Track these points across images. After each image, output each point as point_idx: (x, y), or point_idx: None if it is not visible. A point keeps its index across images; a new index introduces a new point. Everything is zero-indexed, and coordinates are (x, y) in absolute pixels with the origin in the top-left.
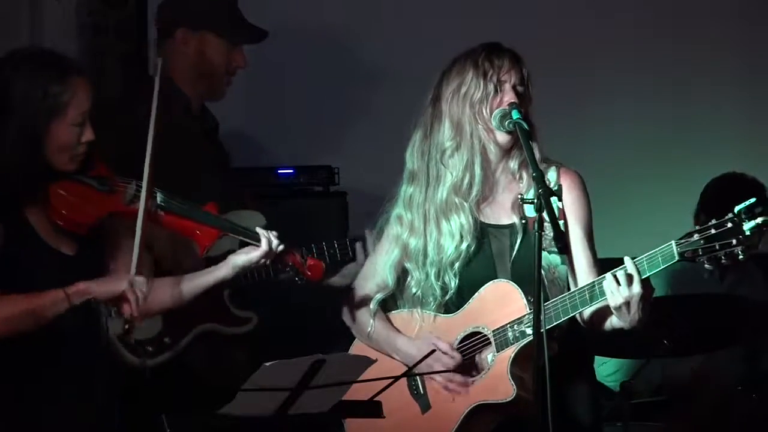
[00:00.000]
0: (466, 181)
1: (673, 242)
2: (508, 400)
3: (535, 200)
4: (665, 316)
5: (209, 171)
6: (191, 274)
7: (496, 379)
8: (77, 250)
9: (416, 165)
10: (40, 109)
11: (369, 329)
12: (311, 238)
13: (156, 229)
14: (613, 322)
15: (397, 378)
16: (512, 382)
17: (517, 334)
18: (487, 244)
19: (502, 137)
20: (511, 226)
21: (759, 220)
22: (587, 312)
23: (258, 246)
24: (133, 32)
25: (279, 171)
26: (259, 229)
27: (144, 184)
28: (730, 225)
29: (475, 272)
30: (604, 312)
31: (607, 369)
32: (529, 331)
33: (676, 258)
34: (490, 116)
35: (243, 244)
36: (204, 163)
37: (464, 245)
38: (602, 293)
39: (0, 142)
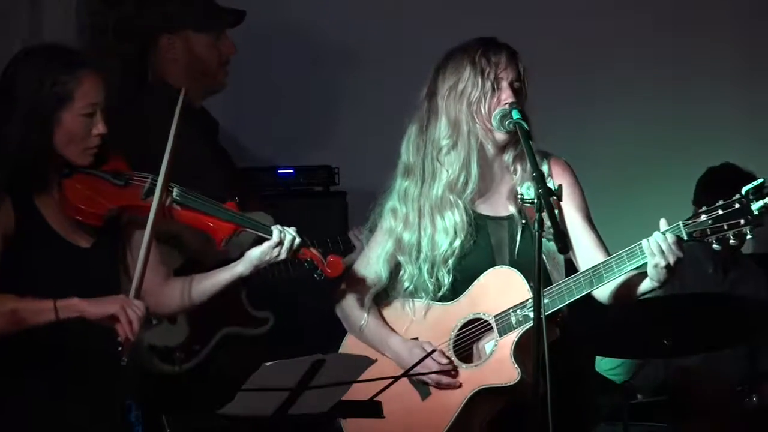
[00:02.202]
0: (462, 178)
1: (680, 223)
2: (512, 383)
3: (536, 200)
4: (665, 315)
5: (207, 172)
6: (203, 273)
7: (500, 363)
8: (93, 244)
9: (412, 159)
10: (47, 96)
11: (362, 323)
12: (311, 238)
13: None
14: (642, 287)
15: (396, 378)
16: (516, 365)
17: (520, 318)
18: (485, 236)
19: (501, 136)
20: (510, 217)
21: (767, 200)
22: (605, 290)
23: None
24: (133, 32)
25: (279, 171)
26: (275, 227)
27: (159, 183)
28: (737, 206)
29: (472, 265)
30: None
31: (608, 363)
32: (533, 314)
33: (685, 238)
34: (488, 114)
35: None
36: (203, 163)
37: (457, 242)
38: (608, 276)
39: (11, 129)
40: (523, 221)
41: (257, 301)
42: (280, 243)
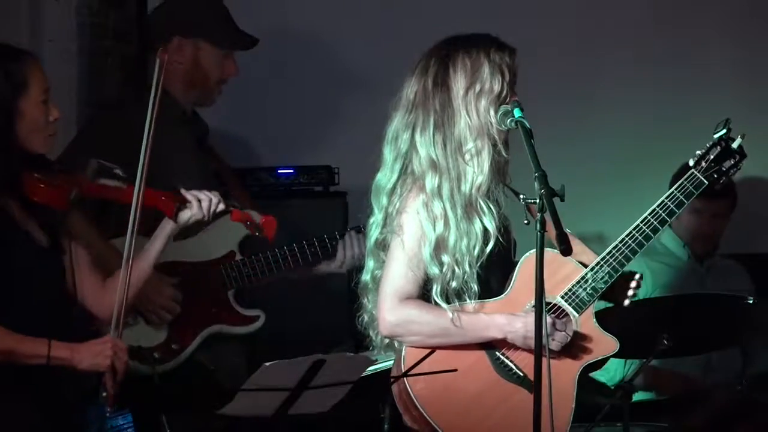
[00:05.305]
0: (488, 180)
1: (694, 170)
2: (615, 351)
3: (538, 200)
4: (665, 315)
5: (201, 175)
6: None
7: (592, 337)
8: (48, 241)
9: (438, 155)
10: (4, 88)
11: (451, 316)
12: (311, 238)
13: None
14: None
15: (397, 378)
16: (609, 335)
17: (590, 291)
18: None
19: (504, 134)
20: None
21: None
22: None
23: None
24: (133, 33)
25: (279, 171)
26: (183, 191)
27: (138, 177)
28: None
29: (496, 261)
30: None
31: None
32: (601, 285)
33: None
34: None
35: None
36: (197, 167)
37: (491, 244)
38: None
39: None
40: (526, 222)
41: (247, 299)
42: (199, 208)
